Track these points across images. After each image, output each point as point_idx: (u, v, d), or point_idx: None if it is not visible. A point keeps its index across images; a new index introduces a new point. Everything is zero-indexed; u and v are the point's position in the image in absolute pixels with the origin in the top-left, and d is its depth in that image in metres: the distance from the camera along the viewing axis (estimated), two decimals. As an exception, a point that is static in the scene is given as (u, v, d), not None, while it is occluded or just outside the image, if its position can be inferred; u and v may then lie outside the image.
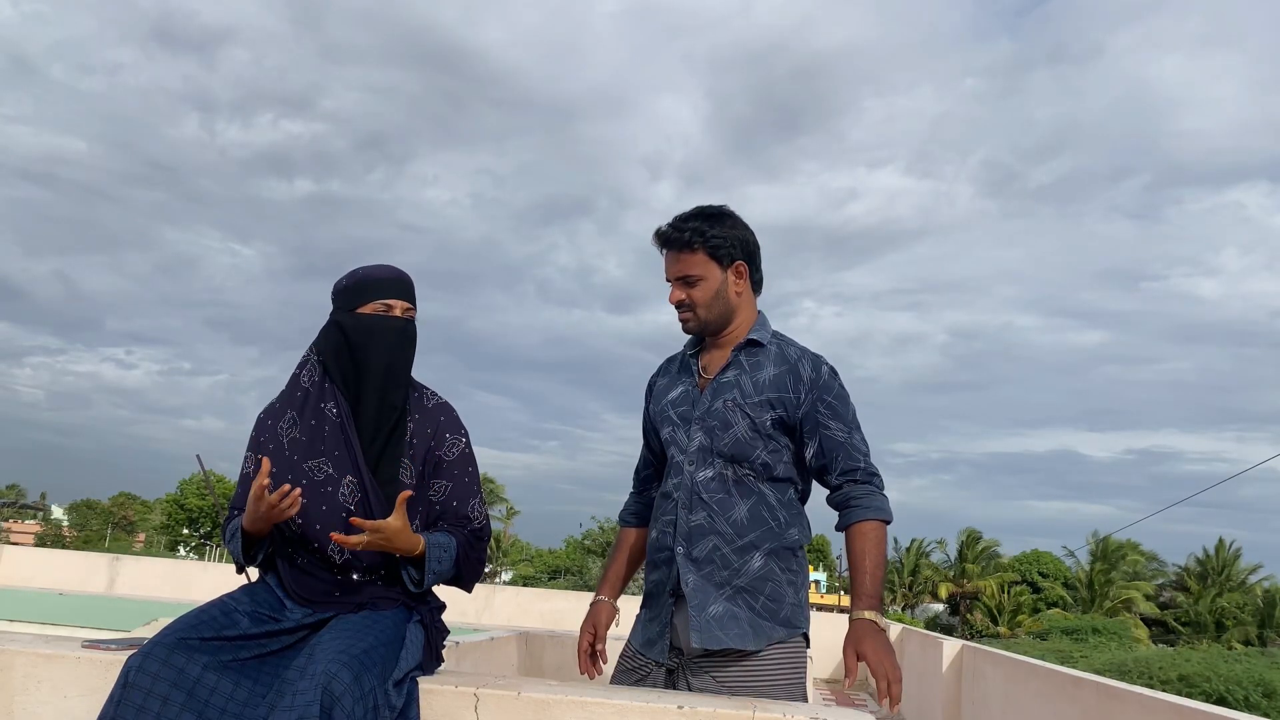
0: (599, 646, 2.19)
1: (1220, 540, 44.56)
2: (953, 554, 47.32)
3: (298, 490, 1.75)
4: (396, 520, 1.76)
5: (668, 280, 2.15)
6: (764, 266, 2.18)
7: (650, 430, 2.26)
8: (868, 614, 1.95)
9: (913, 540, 49.35)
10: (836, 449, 2.06)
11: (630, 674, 2.13)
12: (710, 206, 2.15)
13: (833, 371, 2.11)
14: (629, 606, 2.21)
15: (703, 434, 2.08)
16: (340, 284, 1.97)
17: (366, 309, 1.93)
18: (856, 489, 2.05)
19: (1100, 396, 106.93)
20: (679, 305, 2.13)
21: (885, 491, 2.08)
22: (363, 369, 1.90)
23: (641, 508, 2.32)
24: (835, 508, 2.10)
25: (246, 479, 1.90)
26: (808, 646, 2.10)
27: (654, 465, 2.29)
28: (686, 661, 2.03)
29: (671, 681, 2.04)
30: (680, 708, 1.69)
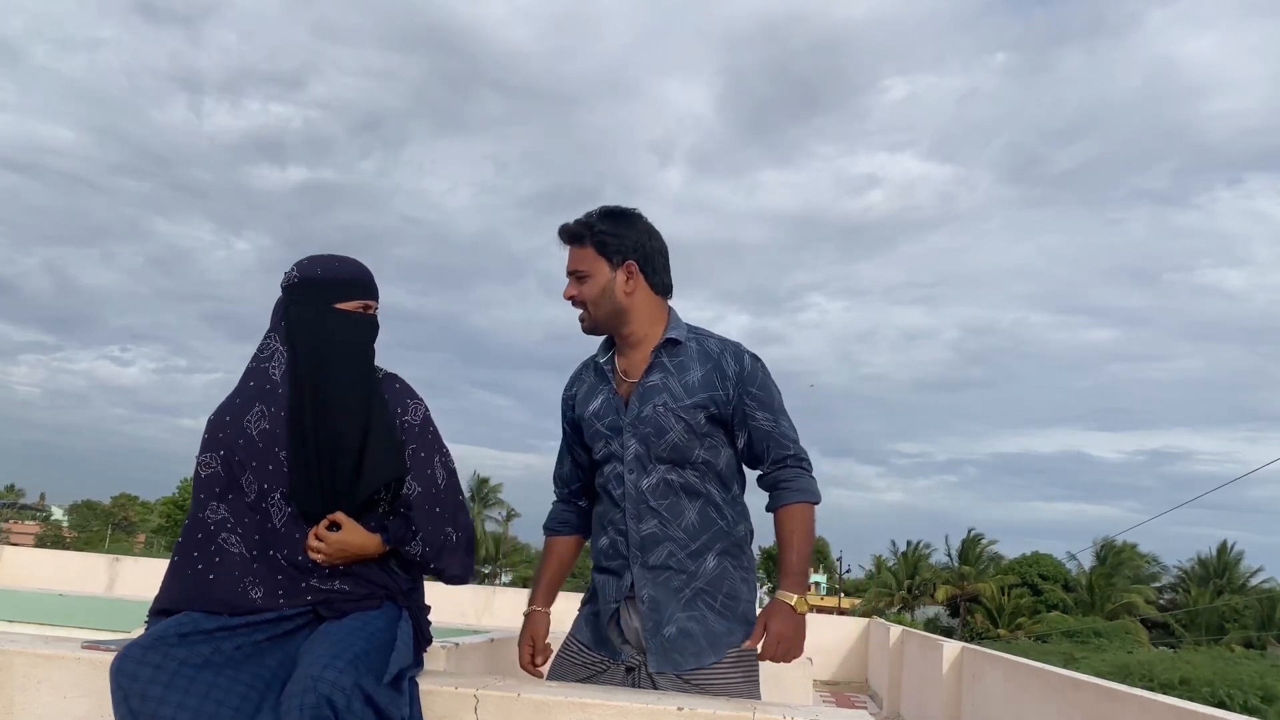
0: (538, 660, 2.19)
1: (1223, 543, 44.61)
2: (954, 555, 47.31)
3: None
4: (347, 534, 1.80)
5: (566, 275, 2.16)
6: (775, 258, 2.24)
7: (576, 444, 2.23)
8: (791, 597, 2.00)
9: (908, 542, 49.38)
10: (765, 438, 2.08)
11: (579, 669, 2.12)
12: (614, 206, 2.15)
13: (754, 359, 2.12)
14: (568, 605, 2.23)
15: (637, 441, 2.07)
16: (316, 274, 1.91)
17: (348, 306, 1.91)
18: (785, 472, 2.09)
19: (1112, 395, 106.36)
20: (572, 301, 2.14)
21: (814, 473, 2.12)
22: (339, 365, 1.87)
23: (570, 516, 2.29)
24: (765, 489, 2.13)
25: (213, 479, 1.85)
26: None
27: (581, 479, 2.26)
28: (648, 659, 2.04)
29: (633, 679, 2.05)
30: (680, 709, 1.69)
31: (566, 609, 2.29)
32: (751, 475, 2.18)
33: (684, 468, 2.06)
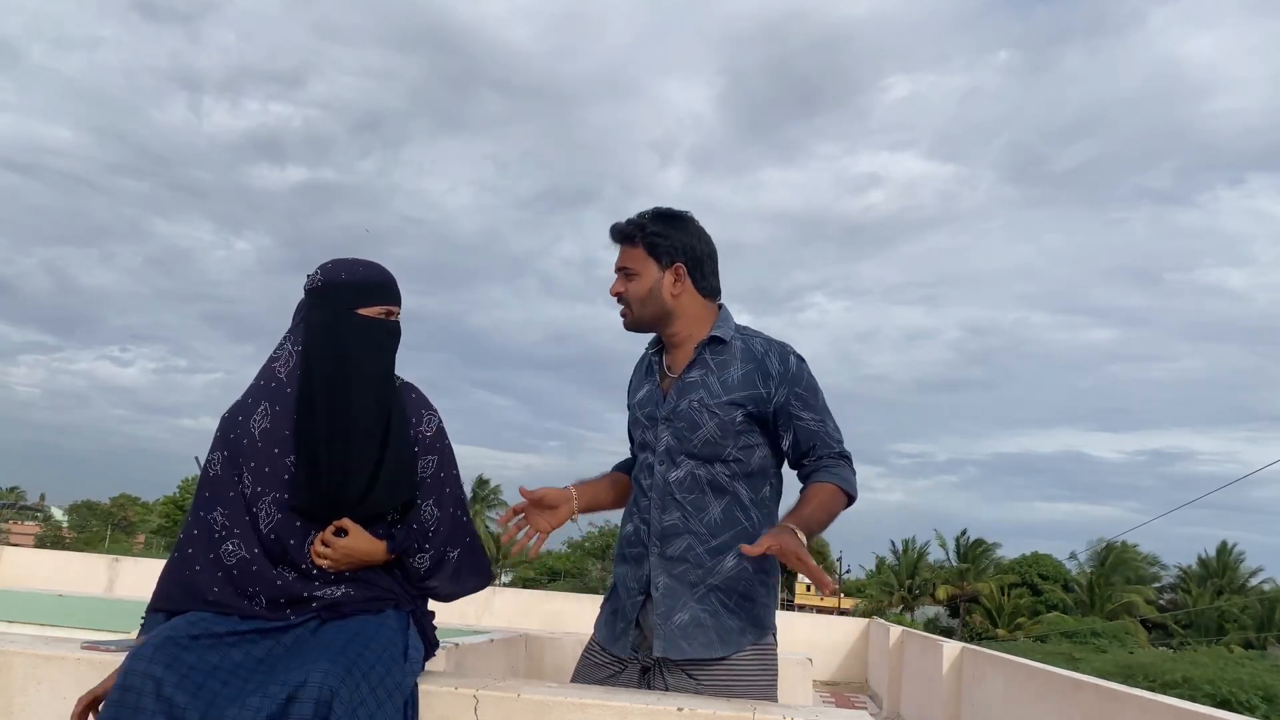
0: (530, 497, 2.11)
1: (1223, 543, 44.64)
2: (952, 555, 47.33)
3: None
4: (353, 541, 1.79)
5: (615, 271, 2.18)
6: (776, 258, 2.24)
7: (629, 431, 2.29)
8: (794, 525, 1.89)
9: (904, 542, 49.41)
10: (812, 438, 2.07)
11: (598, 669, 2.13)
12: (667, 208, 2.18)
13: (800, 360, 2.12)
14: (588, 607, 2.21)
15: (670, 435, 2.09)
16: (339, 277, 1.90)
17: (370, 311, 1.90)
18: (827, 461, 2.06)
19: (1112, 395, 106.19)
20: (618, 298, 2.17)
21: (855, 472, 2.08)
22: (356, 373, 1.86)
23: (629, 465, 2.30)
24: (802, 478, 2.11)
25: (217, 480, 1.84)
26: (776, 645, 2.11)
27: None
28: (661, 660, 2.03)
29: (647, 680, 2.05)
30: (680, 709, 1.69)
31: (581, 610, 2.28)
32: (789, 476, 2.16)
33: (713, 464, 2.06)
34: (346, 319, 1.88)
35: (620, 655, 2.09)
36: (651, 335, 2.25)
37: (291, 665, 1.64)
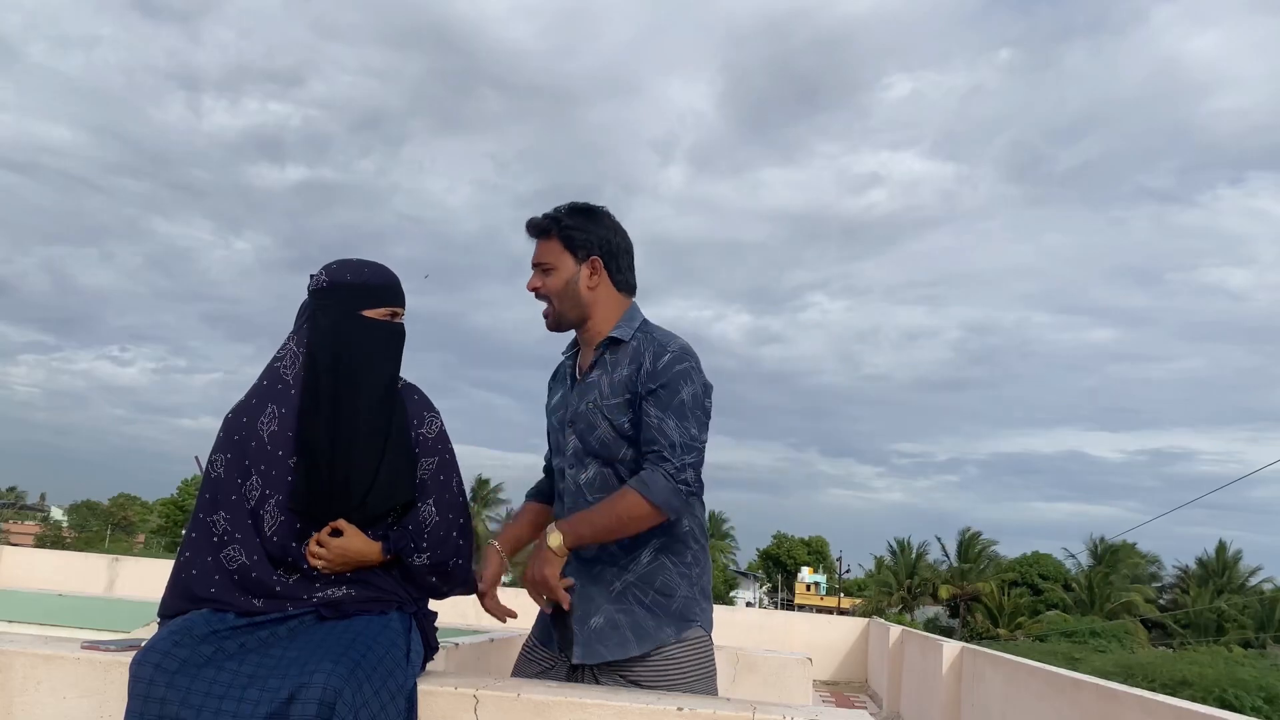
0: (487, 599, 2.16)
1: (1221, 543, 44.63)
2: (953, 555, 47.30)
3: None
4: (349, 541, 1.79)
5: (531, 266, 2.18)
6: (776, 257, 2.22)
7: (548, 439, 2.29)
8: (550, 536, 1.99)
9: (900, 541, 49.40)
10: (649, 434, 1.98)
11: (532, 665, 2.16)
12: (582, 203, 2.18)
13: (675, 359, 2.02)
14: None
15: (575, 437, 2.10)
16: (344, 279, 1.90)
17: (375, 313, 1.90)
18: (647, 464, 1.98)
19: (1113, 395, 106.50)
20: (535, 293, 2.16)
21: (682, 481, 1.95)
22: (361, 375, 1.86)
23: (545, 487, 2.35)
24: None
25: (219, 482, 1.84)
26: (709, 637, 2.09)
27: None
28: (573, 650, 2.04)
29: (576, 677, 2.06)
30: (680, 709, 1.69)
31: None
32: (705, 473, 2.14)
33: (614, 465, 2.06)
34: (352, 320, 1.88)
35: (551, 653, 2.12)
36: (571, 337, 2.24)
37: (291, 657, 1.64)
